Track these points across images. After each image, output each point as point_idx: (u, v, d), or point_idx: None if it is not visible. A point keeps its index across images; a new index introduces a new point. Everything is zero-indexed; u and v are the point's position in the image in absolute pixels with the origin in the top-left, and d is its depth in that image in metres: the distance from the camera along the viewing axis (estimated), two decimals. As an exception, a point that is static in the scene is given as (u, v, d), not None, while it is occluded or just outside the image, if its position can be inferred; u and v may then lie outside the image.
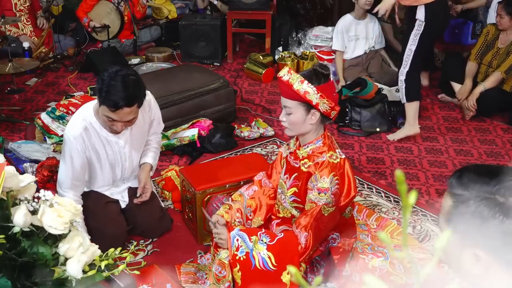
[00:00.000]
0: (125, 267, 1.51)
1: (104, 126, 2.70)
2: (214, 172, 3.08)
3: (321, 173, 2.35)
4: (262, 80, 5.26)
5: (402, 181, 0.68)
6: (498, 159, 3.95)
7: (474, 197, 1.15)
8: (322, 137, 2.43)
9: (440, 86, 4.91)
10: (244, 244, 2.34)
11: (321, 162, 2.37)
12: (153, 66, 5.45)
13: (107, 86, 2.52)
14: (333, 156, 2.39)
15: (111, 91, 2.50)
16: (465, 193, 1.17)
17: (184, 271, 2.80)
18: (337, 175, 2.36)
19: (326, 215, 2.35)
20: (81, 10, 5.81)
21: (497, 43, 4.53)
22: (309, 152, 2.43)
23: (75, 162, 2.72)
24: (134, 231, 3.06)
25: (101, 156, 2.80)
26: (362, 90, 4.41)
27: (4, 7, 5.42)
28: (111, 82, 2.51)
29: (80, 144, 2.69)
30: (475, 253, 1.14)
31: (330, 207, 2.35)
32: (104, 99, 2.53)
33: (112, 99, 2.50)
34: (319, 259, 2.62)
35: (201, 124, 4.05)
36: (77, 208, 1.57)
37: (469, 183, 1.17)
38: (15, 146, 3.78)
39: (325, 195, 2.34)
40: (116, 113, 2.54)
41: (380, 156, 4.00)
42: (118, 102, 2.50)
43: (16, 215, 1.46)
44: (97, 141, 2.74)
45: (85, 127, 2.69)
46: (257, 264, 2.32)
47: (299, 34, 5.79)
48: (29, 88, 5.10)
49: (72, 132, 2.69)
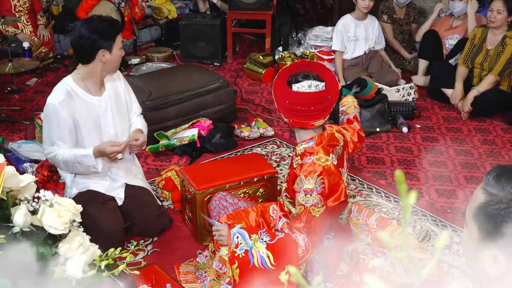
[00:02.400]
0: (125, 267, 1.51)
1: (86, 90, 2.82)
2: (214, 172, 3.08)
3: (305, 174, 2.34)
4: (262, 80, 5.26)
5: (402, 181, 0.68)
6: (498, 159, 3.95)
7: (508, 200, 1.13)
8: (316, 138, 2.42)
9: (430, 92, 4.89)
10: (244, 242, 2.34)
11: (307, 164, 2.37)
12: (153, 66, 5.45)
13: (96, 30, 2.71)
14: (322, 159, 2.37)
15: (103, 29, 2.73)
16: (500, 193, 1.14)
17: (183, 270, 2.80)
18: (321, 176, 2.34)
19: (317, 216, 2.34)
20: (81, 10, 5.80)
21: (485, 45, 4.47)
22: (302, 151, 2.44)
23: (62, 128, 2.77)
24: (133, 231, 3.06)
25: (86, 119, 2.84)
26: (362, 90, 4.40)
27: (3, 8, 5.41)
28: (98, 26, 2.73)
29: (65, 108, 2.74)
30: (495, 255, 1.13)
31: (319, 207, 2.34)
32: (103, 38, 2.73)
33: (109, 33, 2.75)
34: (318, 258, 2.62)
35: (201, 124, 4.05)
36: (77, 208, 1.57)
37: (506, 184, 1.14)
38: (15, 146, 3.78)
39: (311, 196, 2.33)
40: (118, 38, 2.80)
41: (380, 156, 4.00)
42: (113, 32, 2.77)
43: (16, 215, 1.46)
44: (81, 105, 2.81)
45: (67, 92, 2.77)
46: (256, 262, 2.31)
47: (299, 34, 5.79)
48: (29, 88, 5.10)
49: (56, 98, 2.75)
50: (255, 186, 3.06)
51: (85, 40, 2.71)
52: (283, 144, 4.12)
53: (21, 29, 5.56)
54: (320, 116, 2.37)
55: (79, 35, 2.72)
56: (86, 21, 2.78)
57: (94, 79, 2.84)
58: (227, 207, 2.74)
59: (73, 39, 2.80)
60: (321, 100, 2.35)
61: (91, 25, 2.73)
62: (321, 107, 2.36)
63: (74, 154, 2.81)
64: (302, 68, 2.42)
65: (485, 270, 1.15)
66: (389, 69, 5.09)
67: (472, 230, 1.19)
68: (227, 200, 2.77)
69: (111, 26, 2.79)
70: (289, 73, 2.42)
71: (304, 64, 2.52)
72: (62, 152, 2.80)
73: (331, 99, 2.39)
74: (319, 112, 2.36)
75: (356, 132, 2.74)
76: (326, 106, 2.37)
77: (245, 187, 3.02)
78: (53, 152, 2.81)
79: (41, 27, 5.67)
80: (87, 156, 2.80)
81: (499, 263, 1.13)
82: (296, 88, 2.34)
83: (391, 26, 5.30)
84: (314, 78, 2.35)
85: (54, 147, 2.81)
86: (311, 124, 2.38)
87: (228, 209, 2.73)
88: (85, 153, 2.81)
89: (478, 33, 4.51)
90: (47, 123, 2.81)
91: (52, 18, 5.74)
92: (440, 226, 3.19)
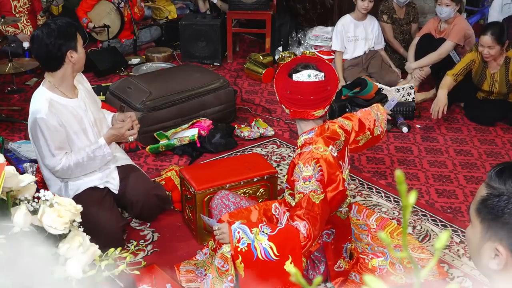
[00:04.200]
0: (125, 267, 1.51)
1: (63, 95, 2.82)
2: (214, 172, 3.08)
3: (303, 161, 2.38)
4: (262, 80, 5.26)
5: (402, 181, 0.68)
6: (498, 159, 3.95)
7: (509, 193, 1.15)
8: (316, 129, 2.47)
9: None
10: (245, 236, 2.35)
11: (305, 152, 2.41)
12: (153, 66, 5.45)
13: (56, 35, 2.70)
14: (320, 149, 2.41)
15: (65, 30, 2.73)
16: (502, 187, 1.16)
17: (183, 270, 2.80)
18: (319, 163, 2.37)
19: (317, 202, 2.35)
20: (81, 9, 5.81)
21: (488, 71, 4.30)
22: (302, 142, 2.49)
23: (58, 138, 2.77)
24: (134, 212, 3.10)
25: (72, 123, 2.84)
26: (362, 90, 4.41)
27: (3, 9, 5.41)
28: (58, 29, 2.71)
29: (53, 118, 2.74)
30: (496, 248, 1.14)
31: (318, 194, 2.35)
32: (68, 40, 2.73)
33: (71, 32, 2.76)
34: (319, 255, 2.63)
35: (201, 124, 4.06)
36: (77, 208, 1.57)
37: (508, 178, 1.16)
38: (15, 146, 3.78)
39: (310, 182, 2.35)
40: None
41: (380, 156, 4.00)
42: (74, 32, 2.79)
43: (16, 215, 1.46)
44: (64, 111, 2.81)
45: (49, 101, 2.77)
46: (259, 255, 2.32)
47: (299, 34, 5.79)
48: (29, 88, 5.10)
49: (42, 111, 2.73)
50: (255, 186, 3.06)
51: (51, 47, 2.70)
52: (283, 144, 4.12)
53: (21, 29, 5.56)
54: (320, 105, 2.44)
55: (44, 44, 2.70)
56: (43, 30, 2.73)
57: (68, 82, 2.85)
58: (229, 205, 2.75)
59: (37, 52, 2.77)
60: (320, 89, 2.42)
61: (50, 31, 2.70)
62: (321, 97, 2.42)
63: (86, 152, 2.84)
64: (301, 61, 2.51)
65: (487, 264, 1.17)
66: (389, 69, 5.09)
67: (475, 227, 1.21)
68: (229, 199, 2.78)
69: (69, 25, 2.78)
70: (289, 67, 2.49)
71: (305, 59, 2.60)
72: (69, 159, 2.81)
73: (331, 90, 2.45)
74: (319, 102, 2.42)
75: (358, 120, 2.77)
76: (326, 96, 2.44)
77: (245, 187, 3.02)
78: (60, 164, 2.80)
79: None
80: (101, 147, 2.87)
81: (500, 256, 1.14)
82: (296, 78, 2.42)
83: (391, 26, 5.30)
84: (314, 68, 2.44)
85: (57, 158, 2.80)
86: (311, 114, 2.44)
87: (230, 208, 2.73)
88: (97, 145, 2.87)
89: (477, 59, 4.29)
90: (41, 138, 2.76)
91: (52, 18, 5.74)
92: (440, 226, 3.19)
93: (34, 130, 2.77)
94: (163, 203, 3.18)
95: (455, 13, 4.82)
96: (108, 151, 2.90)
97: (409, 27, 5.42)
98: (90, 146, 2.87)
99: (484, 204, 1.18)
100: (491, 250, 1.15)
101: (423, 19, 5.64)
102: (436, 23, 5.00)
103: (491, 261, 1.15)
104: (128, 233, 3.13)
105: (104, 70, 5.32)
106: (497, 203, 1.15)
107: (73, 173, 2.88)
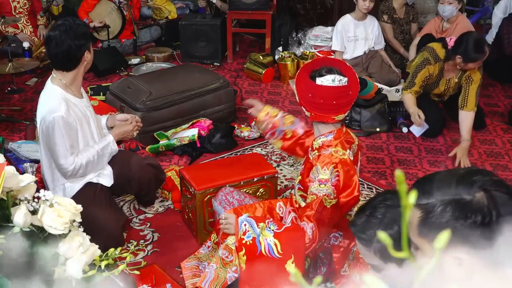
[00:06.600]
0: (125, 267, 1.51)
1: (74, 95, 2.84)
2: (214, 172, 3.08)
3: (322, 164, 2.37)
4: (262, 80, 5.26)
5: (402, 181, 0.68)
6: (498, 159, 3.96)
7: (440, 202, 1.14)
8: (334, 132, 2.45)
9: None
10: (252, 229, 2.36)
11: (324, 155, 2.40)
12: (153, 66, 5.44)
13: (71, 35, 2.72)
14: (339, 152, 2.40)
15: (84, 30, 2.79)
16: (431, 200, 1.15)
17: (187, 266, 2.81)
18: (337, 168, 2.36)
19: (328, 206, 2.35)
20: (82, 9, 5.81)
21: (443, 79, 4.04)
22: (320, 144, 2.46)
23: (73, 136, 2.78)
24: (133, 189, 3.13)
25: (82, 122, 2.86)
26: (362, 90, 4.41)
27: (3, 10, 5.41)
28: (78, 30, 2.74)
29: (70, 116, 2.76)
30: (457, 257, 1.12)
31: (331, 198, 2.36)
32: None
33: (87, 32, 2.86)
34: (323, 256, 2.63)
35: (201, 124, 4.06)
36: (77, 208, 1.57)
37: (432, 191, 1.16)
38: (15, 146, 3.78)
39: (325, 186, 2.35)
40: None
41: (380, 156, 4.00)
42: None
43: (16, 215, 1.46)
44: (77, 110, 2.83)
45: (65, 101, 2.77)
46: (263, 250, 2.33)
47: (299, 34, 5.79)
48: (29, 88, 5.10)
49: (61, 108, 2.73)
50: (255, 186, 3.06)
51: (74, 47, 2.71)
52: (283, 144, 4.12)
53: (21, 29, 5.56)
54: (341, 110, 2.42)
55: (67, 45, 2.69)
56: (62, 30, 2.71)
57: (77, 82, 2.87)
58: (233, 203, 2.76)
59: (54, 51, 2.74)
60: (343, 94, 2.39)
61: (71, 31, 2.70)
62: (343, 102, 2.40)
63: (95, 150, 2.87)
64: (324, 64, 2.46)
65: (454, 275, 1.13)
66: (389, 69, 5.09)
67: (426, 250, 1.18)
68: (233, 196, 2.79)
69: (85, 25, 2.85)
70: (311, 67, 2.45)
71: (327, 61, 2.58)
72: (81, 157, 2.82)
73: (352, 95, 2.43)
74: (341, 106, 2.40)
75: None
76: (347, 101, 2.41)
77: (245, 187, 3.02)
78: (74, 163, 2.80)
79: (41, 27, 5.67)
80: (109, 144, 2.92)
81: (464, 264, 1.12)
82: (320, 81, 2.37)
83: (391, 26, 5.30)
84: (338, 73, 2.39)
85: (72, 157, 2.79)
86: (332, 118, 2.43)
87: (234, 205, 2.75)
88: (106, 142, 2.91)
89: (435, 70, 3.99)
90: (59, 137, 2.73)
91: (52, 18, 5.74)
92: (440, 226, 3.18)
93: (51, 129, 2.72)
94: (158, 172, 3.20)
95: (457, 12, 4.82)
96: (116, 148, 2.95)
97: (409, 26, 5.42)
98: (98, 144, 2.90)
99: (424, 224, 1.16)
100: (453, 260, 1.12)
101: (423, 19, 5.64)
102: (437, 23, 5.00)
103: (456, 270, 1.12)
104: (128, 233, 3.13)
105: (104, 70, 5.32)
106: (436, 216, 1.14)
107: (84, 172, 2.88)
